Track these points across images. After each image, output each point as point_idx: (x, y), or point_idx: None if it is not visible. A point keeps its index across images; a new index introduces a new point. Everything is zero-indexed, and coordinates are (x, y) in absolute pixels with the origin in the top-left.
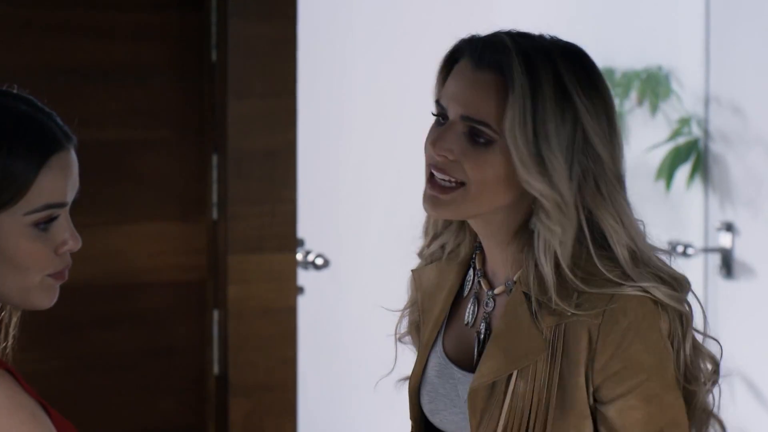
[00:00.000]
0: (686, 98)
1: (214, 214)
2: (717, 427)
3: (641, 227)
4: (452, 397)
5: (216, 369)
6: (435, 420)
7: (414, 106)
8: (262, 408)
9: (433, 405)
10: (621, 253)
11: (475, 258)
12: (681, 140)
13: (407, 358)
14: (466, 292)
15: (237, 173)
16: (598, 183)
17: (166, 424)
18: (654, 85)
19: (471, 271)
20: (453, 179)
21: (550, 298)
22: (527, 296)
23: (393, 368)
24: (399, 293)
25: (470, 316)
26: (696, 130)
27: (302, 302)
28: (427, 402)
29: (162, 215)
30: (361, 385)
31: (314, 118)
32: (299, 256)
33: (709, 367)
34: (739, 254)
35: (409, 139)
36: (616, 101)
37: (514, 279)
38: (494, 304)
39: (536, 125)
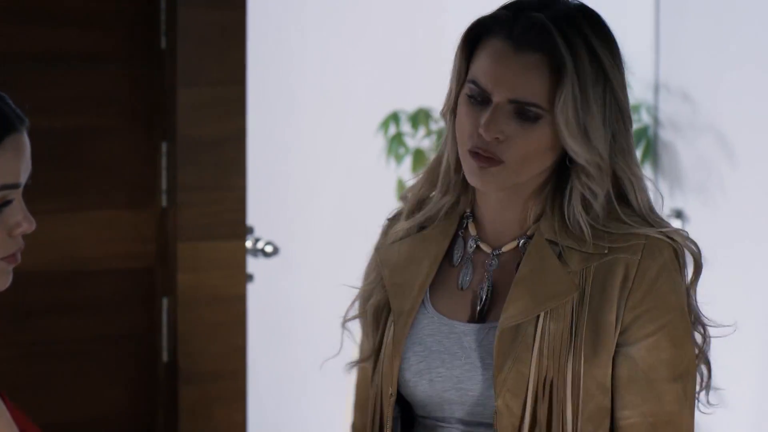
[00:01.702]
0: (636, 85)
1: (164, 202)
2: (705, 372)
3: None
4: (454, 351)
5: (165, 356)
6: (422, 382)
7: (364, 94)
8: (211, 395)
9: (423, 364)
10: (641, 200)
11: (466, 226)
12: None
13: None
14: (456, 260)
15: (186, 161)
16: (622, 137)
17: (116, 411)
18: None
19: (459, 239)
20: (494, 158)
21: (583, 241)
22: (551, 243)
23: (339, 352)
24: (349, 279)
25: (466, 279)
26: (646, 118)
27: (252, 290)
28: (415, 363)
29: (111, 203)
30: (310, 372)
31: (264, 105)
32: (249, 244)
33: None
34: None
35: (358, 127)
36: None
37: (528, 233)
38: (497, 264)
39: (583, 99)
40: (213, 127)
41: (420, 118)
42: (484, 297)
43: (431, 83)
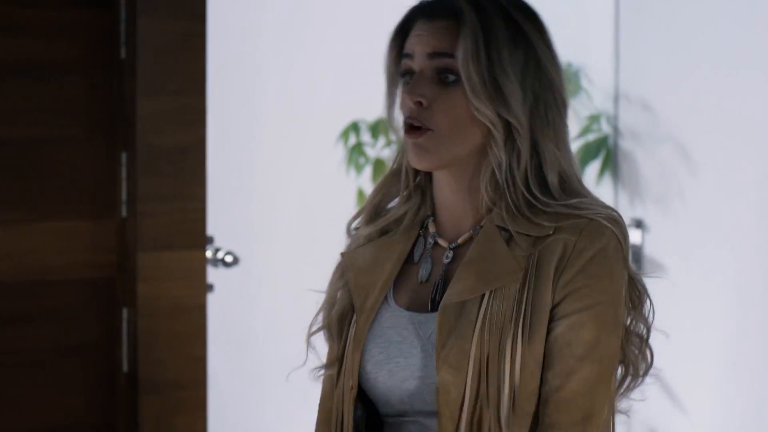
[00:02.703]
0: (596, 95)
1: (124, 212)
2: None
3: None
4: (410, 340)
5: (125, 367)
6: (381, 373)
7: (324, 103)
8: (172, 406)
9: (383, 355)
10: (551, 178)
11: (427, 225)
12: (591, 137)
13: (319, 353)
14: (417, 258)
15: (146, 171)
16: (546, 108)
17: (76, 422)
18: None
19: (420, 239)
20: (422, 126)
21: (527, 219)
22: (502, 229)
23: (304, 363)
24: (310, 288)
25: (425, 273)
26: (606, 127)
27: (212, 300)
28: (376, 354)
29: (71, 213)
30: (271, 382)
31: (224, 115)
32: (209, 254)
33: (638, 285)
34: (649, 251)
35: (319, 137)
36: None
37: (481, 223)
38: (452, 257)
39: (490, 53)
40: (173, 137)
41: (380, 128)
42: (438, 288)
43: None
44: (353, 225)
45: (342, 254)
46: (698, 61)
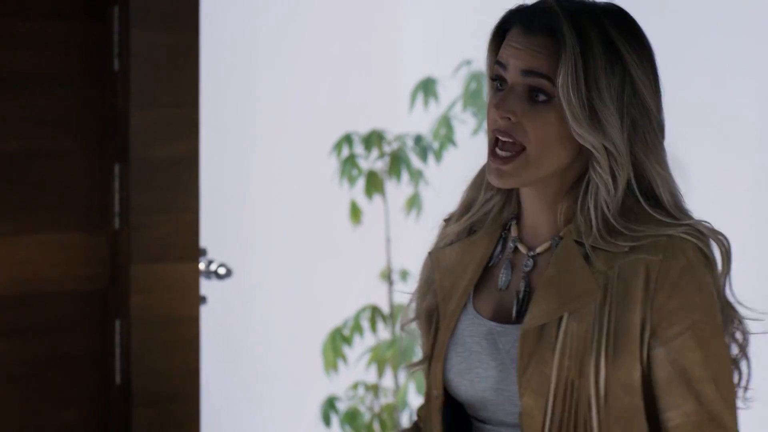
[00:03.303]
0: None
1: (117, 224)
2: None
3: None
4: (490, 351)
5: (118, 379)
6: (463, 382)
7: (317, 116)
8: (165, 418)
9: (464, 365)
10: (666, 198)
11: (509, 228)
12: None
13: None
14: (495, 261)
15: (139, 182)
16: (645, 133)
17: None
18: None
19: (501, 242)
20: (514, 141)
21: (605, 239)
22: (579, 244)
23: (400, 350)
24: (302, 301)
25: (504, 280)
26: None
27: (205, 312)
28: (457, 364)
29: (64, 225)
30: (264, 394)
31: (217, 127)
32: (202, 266)
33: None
34: None
35: (312, 149)
36: None
37: (561, 234)
38: (533, 265)
39: (588, 80)
40: (166, 148)
41: (373, 140)
42: (520, 298)
43: (385, 105)
44: (444, 218)
45: (429, 253)
46: (692, 74)
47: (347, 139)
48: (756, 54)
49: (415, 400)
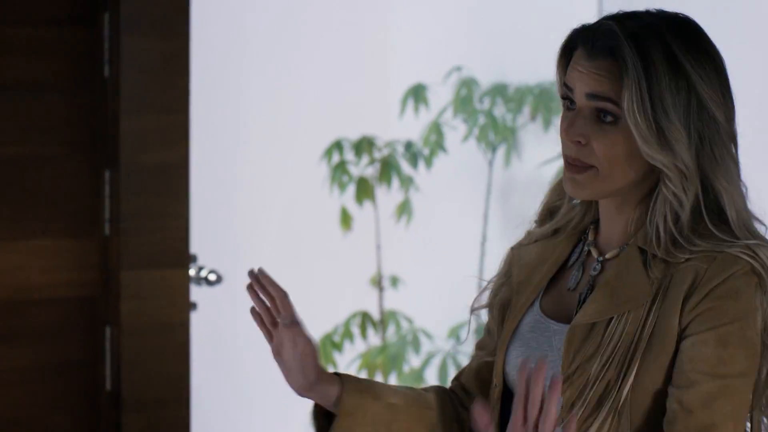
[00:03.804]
0: None
1: (107, 230)
2: None
3: (744, 191)
4: (545, 348)
5: (108, 385)
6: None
7: (307, 122)
8: (155, 424)
9: (521, 360)
10: (731, 214)
11: (588, 231)
12: None
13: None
14: (572, 262)
15: (129, 189)
16: (713, 146)
17: None
18: (547, 101)
19: (581, 244)
20: (585, 164)
21: (666, 250)
22: (641, 250)
23: (466, 338)
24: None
25: (574, 281)
26: None
27: (195, 318)
28: (515, 357)
29: (55, 231)
30: (254, 401)
31: (207, 133)
32: (192, 272)
33: None
34: None
35: (302, 155)
36: (509, 117)
37: (629, 242)
38: (601, 269)
39: (653, 100)
40: (156, 155)
41: (363, 146)
42: (581, 301)
43: (375, 111)
44: (534, 219)
45: (512, 248)
46: None
47: (338, 145)
48: (739, 52)
49: None
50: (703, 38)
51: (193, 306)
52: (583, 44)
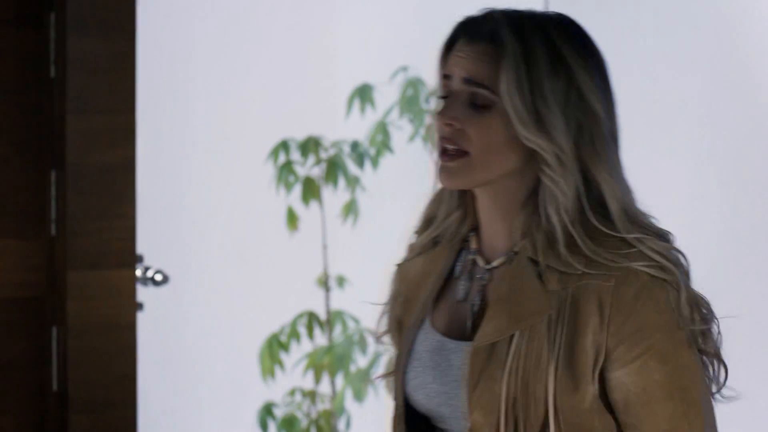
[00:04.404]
0: None
1: (53, 230)
2: (721, 369)
3: (628, 185)
4: (443, 367)
5: (55, 386)
6: (419, 396)
7: (254, 122)
8: (102, 424)
9: (419, 380)
10: (614, 208)
11: (470, 240)
12: None
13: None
14: (457, 273)
15: (75, 189)
16: (594, 138)
17: None
18: None
19: (463, 252)
20: (459, 148)
21: (558, 255)
22: (533, 261)
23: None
24: (239, 306)
25: (463, 292)
26: None
27: (142, 318)
28: (413, 378)
29: (0, 231)
30: (201, 401)
31: (154, 133)
32: (138, 272)
33: (704, 310)
34: None
35: (248, 155)
36: None
37: (515, 250)
38: (490, 278)
39: (531, 84)
40: (102, 155)
41: (310, 146)
42: (474, 312)
43: (321, 111)
44: (415, 231)
45: (397, 265)
46: (629, 69)
47: (284, 145)
48: (699, 51)
49: (352, 406)
50: (585, 35)
51: (140, 306)
52: (464, 32)
